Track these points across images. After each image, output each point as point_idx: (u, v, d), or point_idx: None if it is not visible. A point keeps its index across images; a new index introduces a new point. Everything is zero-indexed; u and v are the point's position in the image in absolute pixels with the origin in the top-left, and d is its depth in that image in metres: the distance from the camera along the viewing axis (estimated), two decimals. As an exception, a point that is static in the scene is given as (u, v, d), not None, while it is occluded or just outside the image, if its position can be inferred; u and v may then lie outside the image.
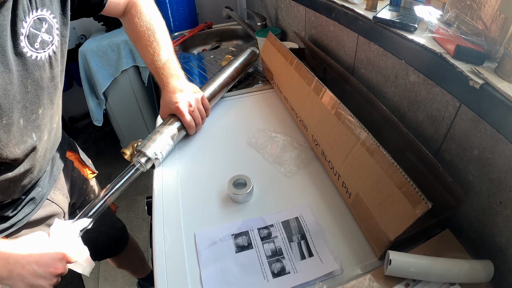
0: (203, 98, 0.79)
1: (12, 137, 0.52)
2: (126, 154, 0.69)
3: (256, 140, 0.74)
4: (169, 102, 0.74)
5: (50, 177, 0.71)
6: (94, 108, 1.75)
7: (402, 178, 0.44)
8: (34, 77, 0.53)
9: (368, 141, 0.51)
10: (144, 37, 0.75)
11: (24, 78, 0.51)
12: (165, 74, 0.75)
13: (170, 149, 0.71)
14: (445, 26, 0.52)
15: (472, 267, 0.44)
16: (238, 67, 0.93)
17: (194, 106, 0.75)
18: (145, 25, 0.75)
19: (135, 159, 0.66)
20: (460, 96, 0.48)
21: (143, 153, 0.66)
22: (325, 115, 0.62)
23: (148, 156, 0.66)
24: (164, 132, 0.70)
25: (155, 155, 0.67)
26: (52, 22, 0.54)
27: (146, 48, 0.75)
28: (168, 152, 0.71)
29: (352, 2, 0.73)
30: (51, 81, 0.58)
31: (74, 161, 0.83)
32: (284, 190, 0.63)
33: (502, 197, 0.45)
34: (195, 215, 0.60)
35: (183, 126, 0.75)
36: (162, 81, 0.76)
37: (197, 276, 0.50)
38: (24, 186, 0.63)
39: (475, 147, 0.49)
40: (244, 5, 1.98)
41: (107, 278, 1.50)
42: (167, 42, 0.77)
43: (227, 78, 0.89)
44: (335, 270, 0.48)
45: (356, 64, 0.80)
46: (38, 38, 0.52)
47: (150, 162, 0.67)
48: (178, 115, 0.74)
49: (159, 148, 0.68)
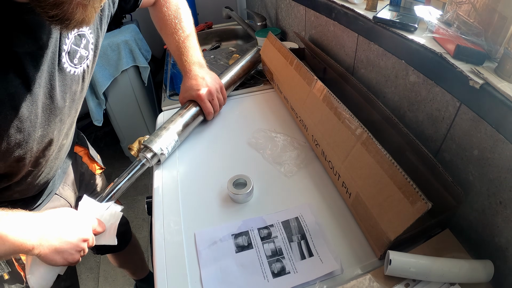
0: (222, 87, 0.82)
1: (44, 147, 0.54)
2: (133, 150, 0.70)
3: (256, 140, 0.74)
4: (190, 88, 0.77)
5: (60, 172, 0.73)
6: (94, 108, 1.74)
7: (402, 178, 0.44)
8: (72, 91, 0.55)
9: (368, 141, 0.51)
10: (171, 25, 0.79)
11: (63, 93, 0.53)
12: (188, 61, 0.79)
13: (176, 145, 0.72)
14: (445, 26, 0.52)
15: (472, 267, 0.44)
16: (246, 64, 0.95)
17: (214, 94, 0.78)
18: (173, 13, 0.79)
19: (141, 154, 0.67)
20: (460, 96, 0.48)
21: (149, 148, 0.67)
22: (325, 115, 0.62)
23: (154, 152, 0.67)
24: (171, 128, 0.71)
25: (160, 151, 0.68)
26: (89, 37, 0.56)
27: (172, 35, 0.79)
28: (174, 147, 0.72)
29: (352, 2, 0.73)
30: (81, 93, 0.60)
31: (83, 156, 0.86)
32: (284, 190, 0.63)
33: (502, 197, 0.45)
34: (195, 215, 0.60)
35: (201, 112, 0.78)
36: (185, 67, 0.79)
37: (197, 276, 0.50)
38: (40, 186, 0.65)
39: (475, 147, 0.49)
40: (244, 5, 1.98)
41: (107, 278, 1.50)
42: (191, 31, 0.81)
43: (240, 70, 0.92)
44: (335, 270, 0.48)
45: (356, 64, 0.80)
46: (77, 53, 0.53)
47: (156, 158, 0.68)
48: (198, 102, 0.77)
49: (165, 144, 0.69)
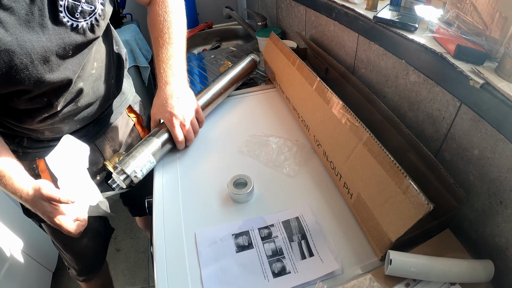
0: (198, 110, 0.74)
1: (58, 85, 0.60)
2: (109, 166, 0.68)
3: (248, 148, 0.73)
4: (163, 107, 0.70)
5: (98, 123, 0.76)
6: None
7: (404, 179, 0.44)
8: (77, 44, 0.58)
9: (370, 142, 0.51)
10: (159, 26, 0.72)
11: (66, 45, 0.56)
12: (167, 70, 0.71)
13: (151, 166, 0.67)
14: (446, 26, 0.52)
15: (473, 267, 0.44)
16: (235, 76, 0.88)
17: (188, 121, 0.71)
18: (163, 15, 0.72)
19: (115, 175, 0.64)
20: (461, 96, 0.48)
21: (122, 170, 0.63)
22: (327, 116, 0.62)
23: (127, 174, 0.63)
24: (145, 151, 0.66)
25: (134, 173, 0.64)
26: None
27: (157, 38, 0.72)
28: (148, 169, 0.67)
29: (352, 2, 0.73)
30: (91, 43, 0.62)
31: (135, 123, 0.88)
32: (285, 190, 0.63)
33: (502, 197, 0.45)
34: (196, 215, 0.60)
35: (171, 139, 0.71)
36: (162, 77, 0.71)
37: (198, 276, 0.50)
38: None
39: (476, 146, 0.49)
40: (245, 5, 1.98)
41: (108, 277, 1.50)
42: (179, 38, 0.73)
43: (221, 89, 0.84)
44: (336, 270, 0.48)
45: (357, 64, 0.80)
46: (79, 8, 0.56)
47: (128, 180, 0.65)
48: (168, 127, 0.69)
49: (139, 166, 0.65)
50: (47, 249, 1.43)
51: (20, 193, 0.59)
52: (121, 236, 1.66)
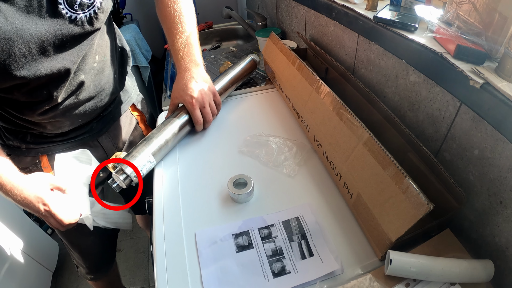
0: (215, 93, 0.78)
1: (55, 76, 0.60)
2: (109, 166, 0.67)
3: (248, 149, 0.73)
4: (182, 90, 0.73)
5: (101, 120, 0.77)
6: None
7: (404, 179, 0.44)
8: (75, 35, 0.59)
9: (370, 142, 0.51)
10: (170, 17, 0.74)
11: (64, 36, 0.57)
12: (184, 57, 0.74)
13: (151, 166, 0.67)
14: (446, 26, 0.52)
15: (473, 267, 0.44)
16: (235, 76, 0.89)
17: (207, 102, 0.74)
18: (173, 5, 0.74)
19: (114, 174, 0.64)
20: (461, 96, 0.48)
21: (122, 170, 0.63)
22: (327, 116, 0.62)
23: (127, 174, 0.63)
24: (145, 150, 0.66)
25: (134, 173, 0.64)
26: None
27: (170, 29, 0.75)
28: (148, 169, 0.67)
29: (352, 2, 0.73)
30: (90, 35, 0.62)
31: (139, 121, 0.88)
32: (285, 190, 0.63)
33: (502, 197, 0.45)
34: (196, 215, 0.60)
35: (191, 120, 0.74)
36: (180, 64, 0.75)
37: (198, 276, 0.50)
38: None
39: (476, 146, 0.49)
40: (245, 5, 1.98)
41: (108, 277, 1.50)
42: (191, 26, 0.76)
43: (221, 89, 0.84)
44: (336, 270, 0.48)
45: (357, 64, 0.80)
46: (77, 0, 0.57)
47: (128, 179, 0.64)
48: (189, 110, 0.73)
49: (139, 166, 0.64)
50: (47, 249, 1.43)
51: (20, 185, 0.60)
52: (121, 236, 1.66)
